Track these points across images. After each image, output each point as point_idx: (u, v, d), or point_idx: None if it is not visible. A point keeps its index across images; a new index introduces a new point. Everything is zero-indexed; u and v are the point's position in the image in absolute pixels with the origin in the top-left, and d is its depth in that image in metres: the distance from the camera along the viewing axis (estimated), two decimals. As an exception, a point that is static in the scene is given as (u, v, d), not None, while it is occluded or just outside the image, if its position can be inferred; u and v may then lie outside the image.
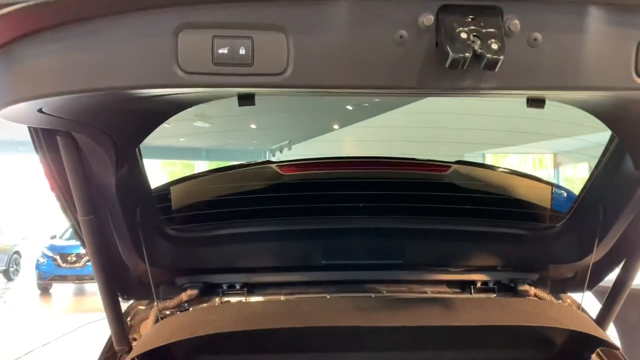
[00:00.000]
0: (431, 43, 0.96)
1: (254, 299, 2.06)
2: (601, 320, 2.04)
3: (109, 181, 1.57)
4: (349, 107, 14.62)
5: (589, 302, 2.18)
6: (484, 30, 0.93)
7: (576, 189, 2.05)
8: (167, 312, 2.05)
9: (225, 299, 2.07)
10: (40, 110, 1.10)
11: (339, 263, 2.11)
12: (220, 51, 0.94)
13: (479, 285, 2.15)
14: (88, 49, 0.98)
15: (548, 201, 2.11)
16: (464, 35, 0.93)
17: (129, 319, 2.21)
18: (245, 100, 1.16)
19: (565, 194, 2.16)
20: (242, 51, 0.94)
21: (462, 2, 0.95)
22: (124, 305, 2.29)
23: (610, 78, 1.03)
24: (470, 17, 0.95)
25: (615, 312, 2.03)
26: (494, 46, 0.92)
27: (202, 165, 20.07)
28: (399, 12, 0.95)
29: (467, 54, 0.91)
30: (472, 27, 0.94)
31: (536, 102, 1.24)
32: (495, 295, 2.11)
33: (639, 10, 1.00)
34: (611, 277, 2.13)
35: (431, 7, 0.94)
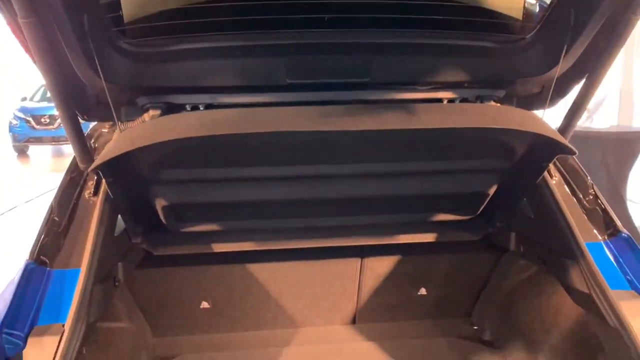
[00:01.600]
0: None
1: None
2: (561, 133, 2.07)
3: None
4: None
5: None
6: None
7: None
8: None
9: None
10: None
11: (304, 82, 2.06)
12: None
13: (445, 102, 2.15)
14: None
15: (520, 11, 2.03)
16: None
17: (92, 140, 2.20)
18: None
19: (537, 5, 2.08)
20: None
21: None
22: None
23: None
24: None
25: (574, 125, 2.06)
26: None
27: None
28: None
29: None
30: None
31: None
32: None
33: None
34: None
35: None
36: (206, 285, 2.67)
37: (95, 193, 1.99)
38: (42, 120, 13.31)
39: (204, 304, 2.70)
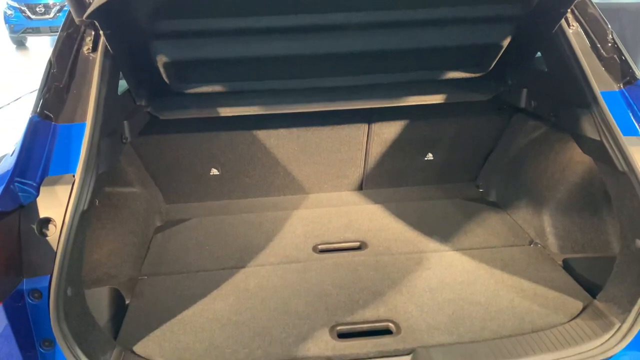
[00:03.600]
0: None
1: None
2: None
3: None
4: None
5: None
6: None
7: None
8: None
9: None
10: None
11: None
12: None
13: None
14: None
15: None
16: None
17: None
18: None
19: None
20: None
21: None
22: None
23: None
24: None
25: None
26: None
27: None
28: None
29: None
30: None
31: None
32: None
33: None
34: None
35: None
36: (215, 152, 2.68)
37: (94, 49, 1.92)
38: (37, 9, 12.85)
39: (214, 171, 2.73)
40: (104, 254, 2.12)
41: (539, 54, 2.26)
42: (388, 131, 2.73)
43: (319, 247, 2.38)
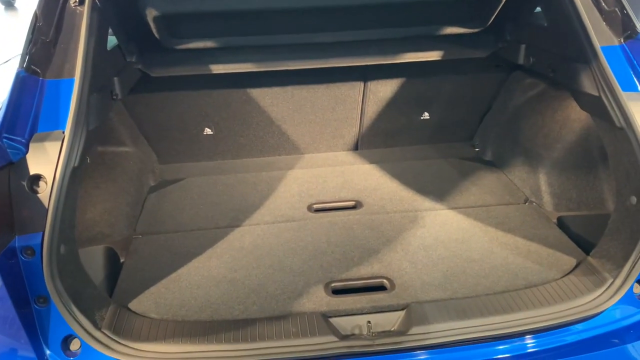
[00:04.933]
0: None
1: None
2: None
3: None
4: None
5: None
6: None
7: None
8: None
9: None
10: None
11: None
12: None
13: None
14: None
15: None
16: None
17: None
18: None
19: None
20: None
21: None
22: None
23: None
24: None
25: None
26: None
27: None
28: None
29: None
30: None
31: None
32: None
33: None
34: None
35: None
36: (208, 111, 2.64)
37: (81, 2, 1.86)
38: (25, -32, 12.50)
39: (207, 131, 2.70)
40: (97, 213, 2.10)
41: (538, 8, 2.21)
42: (384, 90, 2.69)
43: (314, 206, 2.37)
